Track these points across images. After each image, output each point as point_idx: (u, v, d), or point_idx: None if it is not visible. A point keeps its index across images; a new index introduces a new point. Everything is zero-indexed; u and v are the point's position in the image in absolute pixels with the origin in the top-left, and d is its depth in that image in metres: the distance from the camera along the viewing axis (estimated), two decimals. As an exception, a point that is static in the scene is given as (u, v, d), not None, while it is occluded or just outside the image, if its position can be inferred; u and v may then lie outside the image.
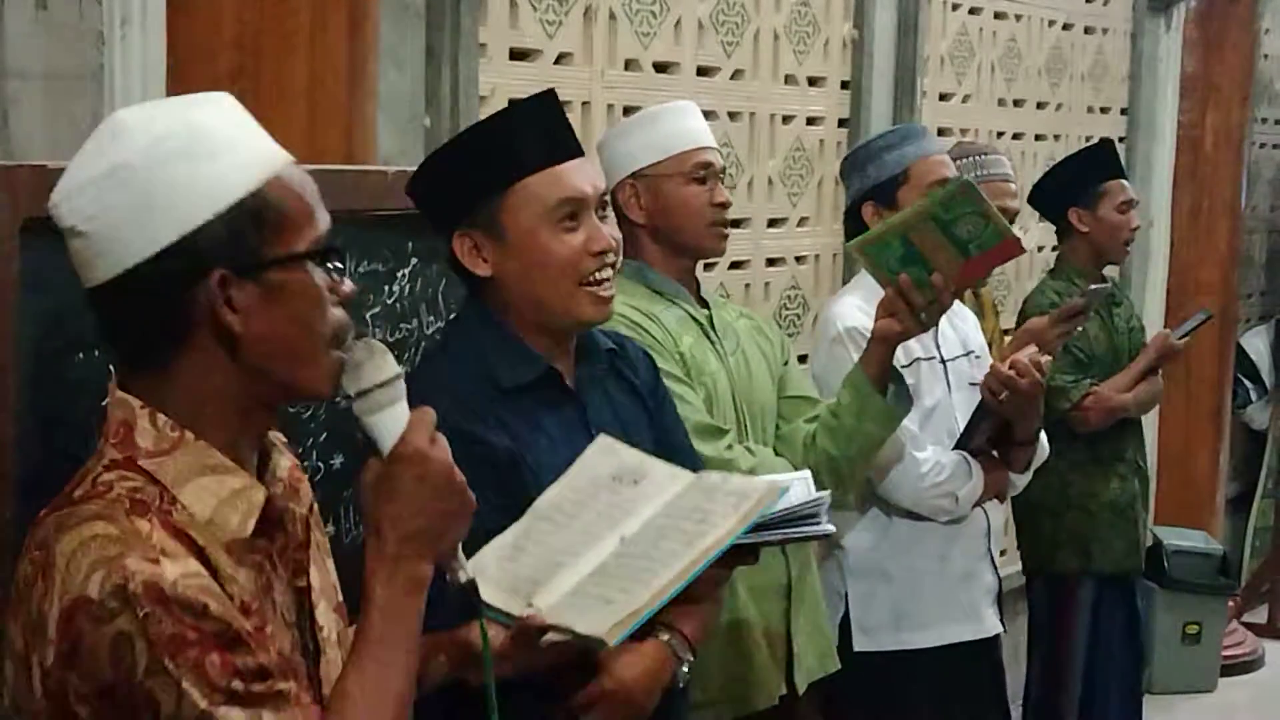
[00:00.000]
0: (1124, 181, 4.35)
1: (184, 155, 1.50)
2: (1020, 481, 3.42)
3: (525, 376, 2.20)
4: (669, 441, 2.37)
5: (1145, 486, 4.43)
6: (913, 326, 2.78)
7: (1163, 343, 4.28)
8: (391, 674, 1.55)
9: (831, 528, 2.31)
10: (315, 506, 1.72)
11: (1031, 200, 4.51)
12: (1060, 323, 3.65)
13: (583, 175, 2.23)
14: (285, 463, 1.67)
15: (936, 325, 3.26)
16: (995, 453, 3.34)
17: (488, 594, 1.80)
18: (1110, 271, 4.82)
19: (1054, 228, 4.46)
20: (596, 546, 1.97)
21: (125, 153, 1.51)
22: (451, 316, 2.48)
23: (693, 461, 2.36)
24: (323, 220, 1.58)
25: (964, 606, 3.34)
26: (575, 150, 2.25)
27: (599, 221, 2.23)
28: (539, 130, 2.22)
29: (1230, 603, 6.18)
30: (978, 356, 3.42)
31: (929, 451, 3.22)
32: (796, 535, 2.25)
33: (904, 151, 3.24)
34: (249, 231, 1.52)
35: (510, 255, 2.19)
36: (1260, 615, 6.80)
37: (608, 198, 2.27)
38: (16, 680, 1.48)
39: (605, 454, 2.11)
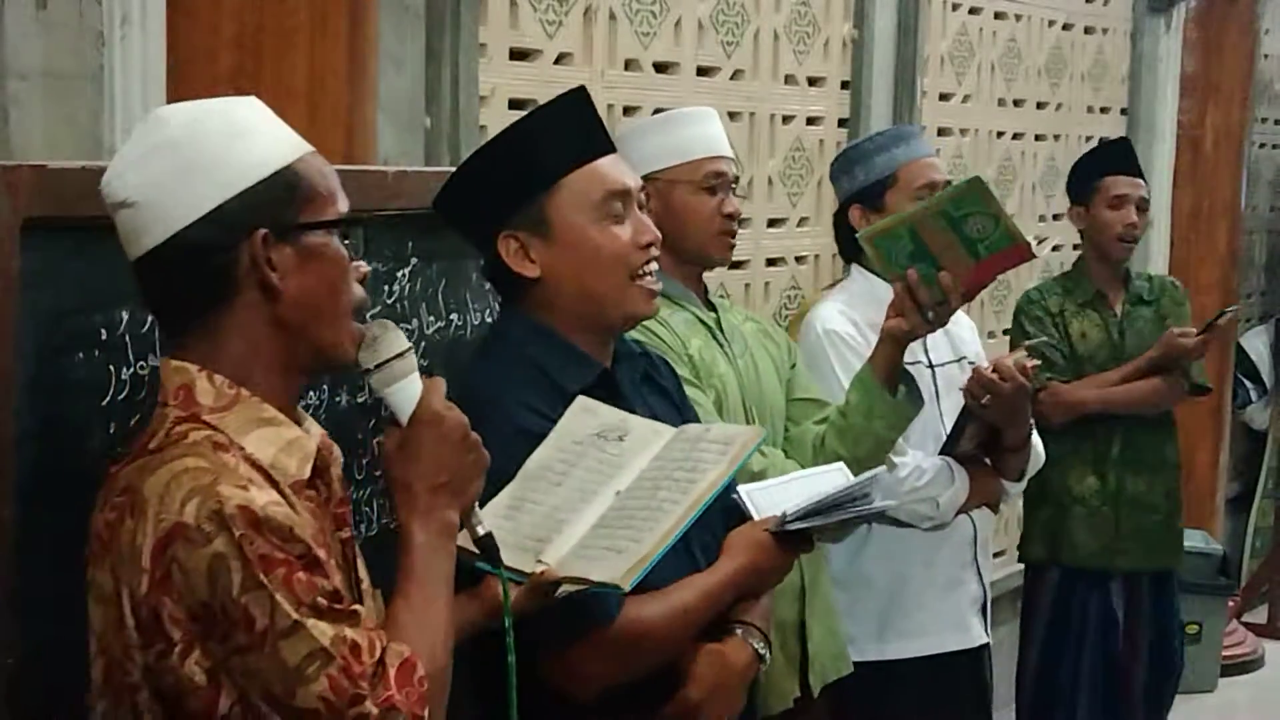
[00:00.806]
0: (1126, 177, 4.27)
1: (221, 132, 1.67)
2: (1015, 489, 3.37)
3: (585, 379, 2.20)
4: None
5: (1148, 485, 4.40)
6: (919, 325, 2.76)
7: (1167, 340, 4.20)
8: (435, 605, 1.71)
9: (890, 502, 2.33)
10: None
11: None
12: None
13: (622, 169, 2.25)
14: (316, 430, 1.79)
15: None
16: (988, 460, 3.28)
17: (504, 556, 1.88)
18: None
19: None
20: (594, 502, 2.01)
21: (167, 132, 1.67)
22: (490, 324, 2.48)
23: None
24: (345, 201, 1.74)
25: (950, 616, 3.32)
26: (611, 146, 2.26)
27: (641, 215, 2.24)
28: (577, 126, 2.22)
29: (1230, 603, 6.18)
30: (970, 362, 3.36)
31: (909, 456, 3.17)
32: (852, 516, 2.25)
33: (893, 154, 3.21)
34: (285, 199, 1.67)
35: (560, 252, 2.19)
36: (1260, 615, 6.80)
37: (644, 193, 2.29)
38: (105, 622, 1.60)
39: (585, 414, 2.14)
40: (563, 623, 2.03)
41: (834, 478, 2.35)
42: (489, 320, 2.56)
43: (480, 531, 1.82)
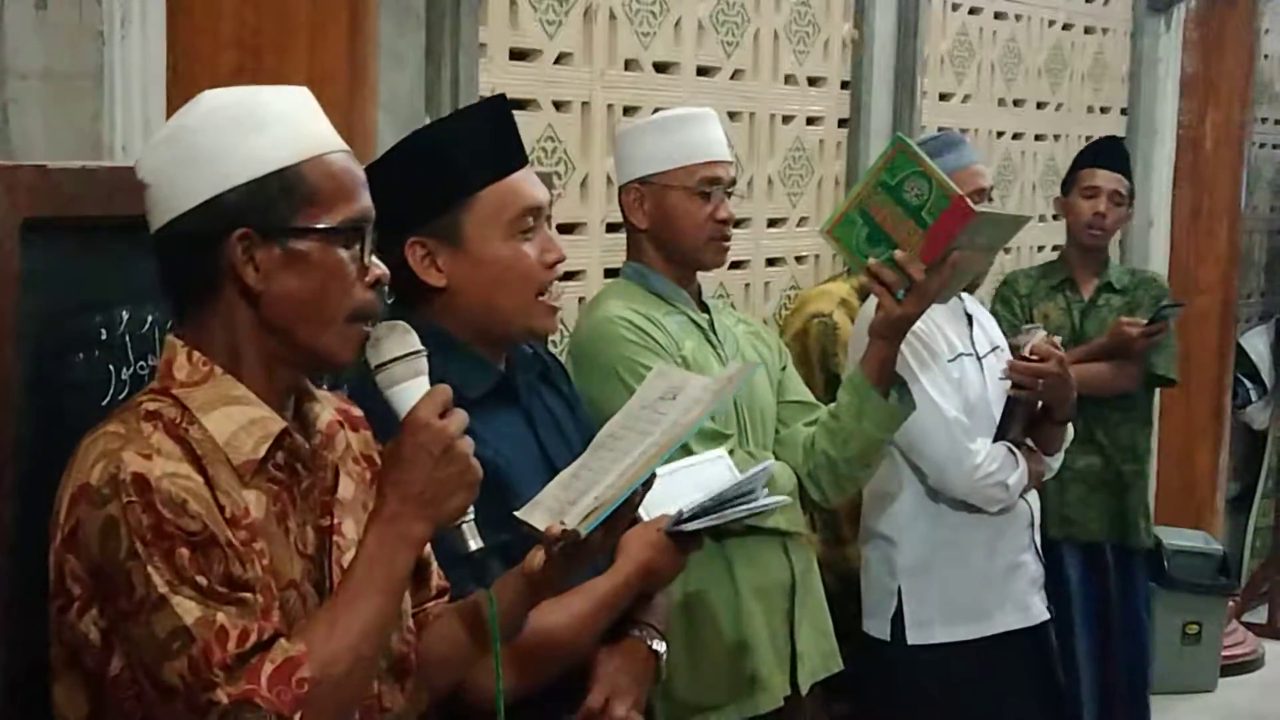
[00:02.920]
0: (1103, 170, 4.47)
1: (233, 125, 1.67)
2: (1054, 464, 3.51)
3: (485, 386, 2.19)
4: None
5: (1098, 463, 4.48)
6: (894, 309, 2.73)
7: (1115, 328, 4.38)
8: (360, 611, 1.65)
9: (780, 499, 2.36)
10: (363, 464, 1.84)
11: None
12: None
13: (536, 184, 2.22)
14: (326, 415, 1.80)
15: (971, 322, 3.40)
16: (1029, 441, 3.40)
17: (537, 521, 1.89)
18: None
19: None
20: (625, 459, 1.97)
21: (189, 118, 1.70)
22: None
23: None
24: (358, 206, 1.72)
25: (1012, 596, 3.42)
26: (526, 157, 2.24)
27: (549, 231, 2.23)
28: (497, 137, 2.20)
29: (1230, 603, 6.18)
30: (1002, 351, 3.50)
31: (979, 442, 3.27)
32: (744, 513, 2.27)
33: (943, 161, 3.21)
34: (279, 200, 1.66)
35: (469, 266, 2.17)
36: (1260, 615, 6.80)
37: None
38: (50, 570, 1.64)
39: (658, 378, 2.14)
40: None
41: (717, 467, 2.37)
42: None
43: (472, 546, 1.77)
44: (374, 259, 1.73)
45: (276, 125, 1.68)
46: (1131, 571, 4.61)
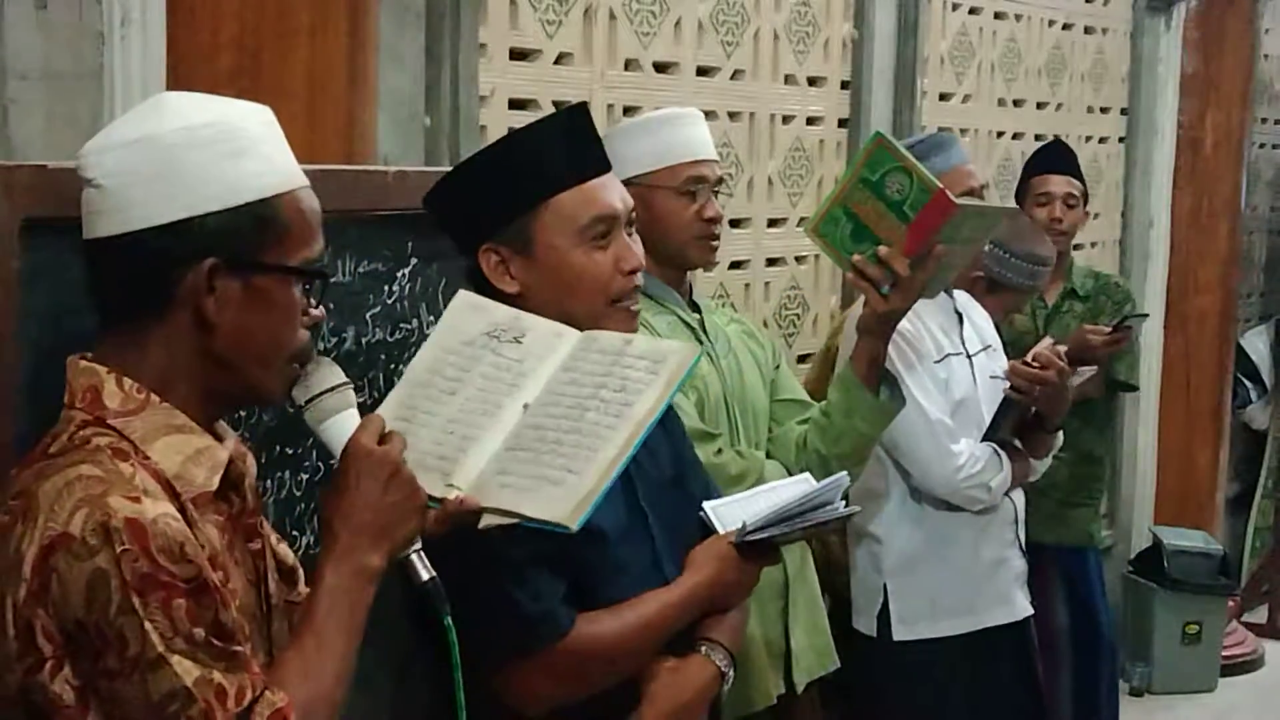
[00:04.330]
0: (1055, 176, 4.51)
1: (212, 145, 1.60)
2: (1041, 467, 3.54)
3: None
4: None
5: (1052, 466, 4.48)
6: (880, 305, 2.72)
7: (1076, 335, 4.32)
8: (328, 654, 1.61)
9: (855, 508, 2.36)
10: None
11: None
12: None
13: (614, 192, 2.20)
14: (231, 440, 1.73)
15: (961, 320, 3.42)
16: (1017, 442, 3.44)
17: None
18: (1097, 269, 4.92)
19: None
20: (499, 416, 1.86)
21: (160, 127, 1.60)
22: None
23: (705, 477, 2.40)
24: (319, 247, 1.68)
25: (996, 592, 3.46)
26: (606, 165, 2.21)
27: (628, 239, 2.20)
28: (573, 145, 2.18)
29: (1230, 603, 6.18)
30: (994, 349, 3.52)
31: (962, 444, 3.29)
32: (816, 523, 2.24)
33: (931, 163, 3.21)
34: (250, 233, 1.61)
35: (540, 272, 2.16)
36: (1260, 615, 6.80)
37: (634, 214, 2.22)
38: (8, 629, 1.51)
39: (472, 310, 2.01)
40: (511, 639, 2.01)
41: (799, 488, 2.33)
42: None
43: (424, 576, 1.72)
44: (319, 305, 1.69)
45: (252, 154, 1.62)
46: (1084, 571, 4.60)
